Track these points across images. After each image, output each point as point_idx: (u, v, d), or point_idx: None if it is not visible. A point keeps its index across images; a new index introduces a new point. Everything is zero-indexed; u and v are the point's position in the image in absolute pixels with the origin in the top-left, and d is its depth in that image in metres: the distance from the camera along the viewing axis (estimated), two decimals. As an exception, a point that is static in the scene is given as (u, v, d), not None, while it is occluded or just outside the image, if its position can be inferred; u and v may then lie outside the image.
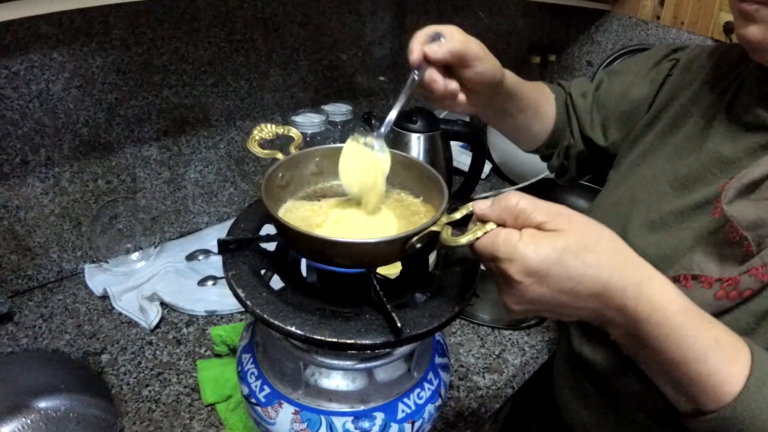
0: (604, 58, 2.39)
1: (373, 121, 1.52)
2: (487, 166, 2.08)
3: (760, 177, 0.72)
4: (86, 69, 1.21)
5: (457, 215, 0.62)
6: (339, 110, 1.58)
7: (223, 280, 1.31)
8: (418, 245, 0.63)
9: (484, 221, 0.59)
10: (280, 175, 0.76)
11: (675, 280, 0.78)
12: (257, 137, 0.79)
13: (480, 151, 1.50)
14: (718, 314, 0.72)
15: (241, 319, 1.28)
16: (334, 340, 0.57)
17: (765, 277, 0.70)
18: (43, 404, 1.23)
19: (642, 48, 2.26)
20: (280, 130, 0.81)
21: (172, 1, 1.01)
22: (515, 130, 1.16)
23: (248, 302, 0.61)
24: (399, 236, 0.62)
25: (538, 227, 0.57)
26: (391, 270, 0.75)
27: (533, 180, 1.91)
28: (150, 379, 1.11)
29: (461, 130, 1.43)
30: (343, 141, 0.79)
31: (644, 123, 1.04)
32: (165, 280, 1.35)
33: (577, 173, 1.18)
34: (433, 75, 0.85)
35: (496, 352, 1.26)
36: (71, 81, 1.20)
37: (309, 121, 1.45)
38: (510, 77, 0.97)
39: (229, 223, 1.56)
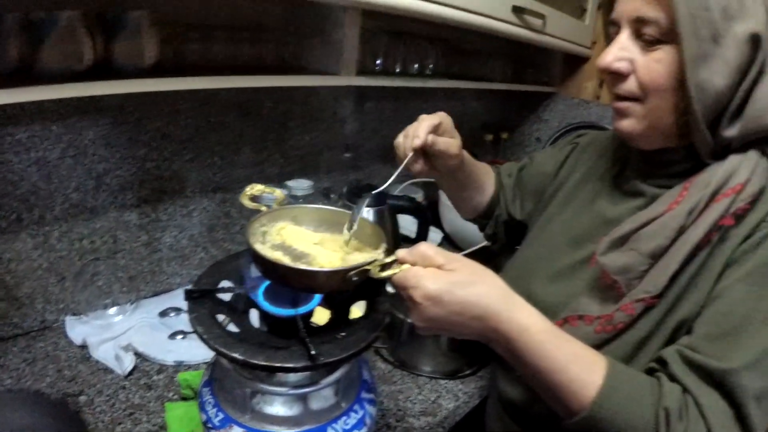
0: (551, 134, 2.59)
1: (331, 195, 1.70)
2: (439, 235, 2.24)
3: (629, 231, 0.91)
4: (80, 141, 1.36)
5: (388, 259, 0.82)
6: (301, 185, 1.74)
7: (192, 335, 1.46)
8: (355, 278, 0.81)
9: (402, 263, 0.80)
10: (263, 221, 0.95)
11: (565, 320, 0.96)
12: (248, 193, 0.99)
13: (424, 221, 1.68)
14: (600, 345, 0.90)
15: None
16: (267, 363, 0.73)
17: (633, 311, 0.88)
18: (19, 445, 1.30)
19: (584, 125, 2.45)
20: (267, 190, 1.02)
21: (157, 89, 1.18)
22: (461, 199, 1.36)
23: (204, 336, 0.77)
24: (340, 269, 0.81)
25: (439, 267, 0.78)
26: (322, 319, 0.92)
27: (476, 247, 2.07)
28: (123, 418, 1.21)
29: (405, 204, 1.63)
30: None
31: (549, 194, 1.24)
32: (139, 333, 1.46)
33: (507, 241, 1.38)
34: (419, 160, 1.10)
35: (432, 398, 1.39)
36: (66, 151, 1.35)
37: (274, 196, 1.62)
38: (466, 160, 1.22)
39: (199, 285, 1.72)
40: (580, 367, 0.79)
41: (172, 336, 1.48)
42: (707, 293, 0.86)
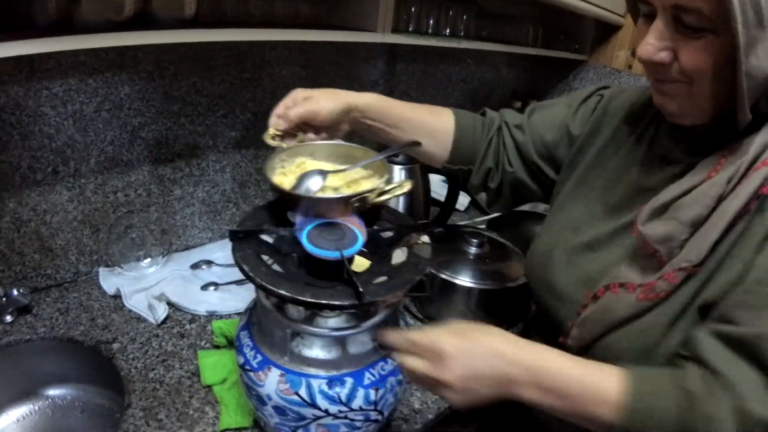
0: (581, 103, 2.58)
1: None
2: (466, 199, 2.25)
3: (669, 200, 0.89)
4: (116, 95, 1.38)
5: (387, 187, 0.88)
6: None
7: (224, 286, 1.48)
8: (357, 204, 0.86)
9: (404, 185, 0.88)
10: (282, 156, 1.00)
11: (607, 288, 0.96)
12: (271, 132, 1.04)
13: (455, 184, 1.68)
14: (642, 313, 0.91)
15: (237, 317, 1.42)
16: (313, 300, 0.75)
17: (676, 280, 0.87)
18: (51, 392, 1.34)
19: (615, 95, 2.45)
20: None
21: (193, 42, 1.18)
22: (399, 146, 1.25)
23: (251, 273, 0.79)
24: (342, 195, 0.87)
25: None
26: (361, 266, 0.93)
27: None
28: (156, 365, 1.24)
29: (438, 164, 1.63)
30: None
31: (573, 153, 1.18)
32: (172, 284, 1.50)
33: (513, 201, 1.30)
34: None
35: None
36: (102, 104, 1.37)
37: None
38: (371, 106, 1.18)
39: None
40: (597, 374, 0.84)
41: (205, 287, 1.52)
42: (747, 262, 0.84)
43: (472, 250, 1.52)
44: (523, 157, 1.25)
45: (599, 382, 0.82)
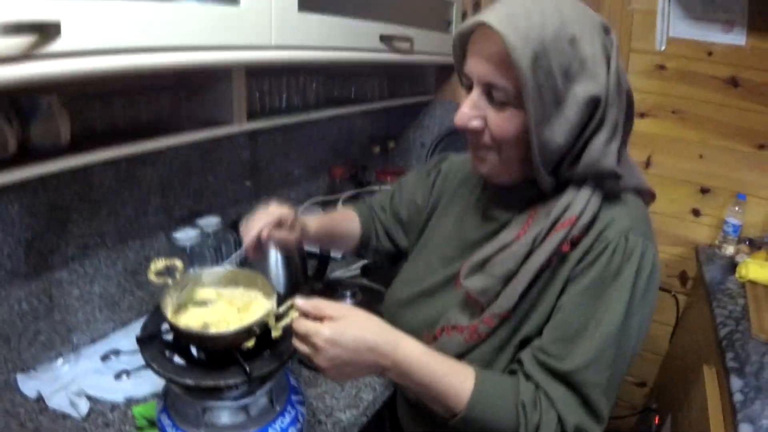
0: (434, 138, 2.84)
1: (239, 228, 1.86)
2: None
3: (485, 258, 1.09)
4: (7, 214, 1.49)
5: (281, 309, 1.01)
6: (210, 222, 1.89)
7: (135, 371, 1.61)
8: (257, 330, 1.01)
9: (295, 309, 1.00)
10: (171, 293, 1.13)
11: (443, 329, 1.15)
12: (153, 269, 1.16)
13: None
14: (469, 351, 1.10)
15: (154, 399, 1.53)
16: (212, 383, 0.93)
17: (492, 324, 1.07)
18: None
19: (461, 127, 2.69)
20: (168, 262, 1.19)
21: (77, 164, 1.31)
22: (331, 249, 1.53)
23: (156, 368, 0.96)
24: (244, 327, 1.01)
25: (330, 318, 0.98)
26: (250, 342, 1.11)
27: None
28: None
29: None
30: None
31: (424, 219, 1.41)
32: (87, 379, 1.59)
33: (390, 265, 1.56)
34: (256, 249, 1.22)
35: (354, 393, 1.58)
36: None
37: (186, 236, 1.81)
38: (315, 231, 1.38)
39: (132, 326, 1.84)
40: (454, 378, 1.01)
41: (118, 376, 1.62)
42: (552, 306, 1.05)
43: (348, 301, 1.74)
44: (389, 234, 1.53)
45: (457, 383, 1.00)
